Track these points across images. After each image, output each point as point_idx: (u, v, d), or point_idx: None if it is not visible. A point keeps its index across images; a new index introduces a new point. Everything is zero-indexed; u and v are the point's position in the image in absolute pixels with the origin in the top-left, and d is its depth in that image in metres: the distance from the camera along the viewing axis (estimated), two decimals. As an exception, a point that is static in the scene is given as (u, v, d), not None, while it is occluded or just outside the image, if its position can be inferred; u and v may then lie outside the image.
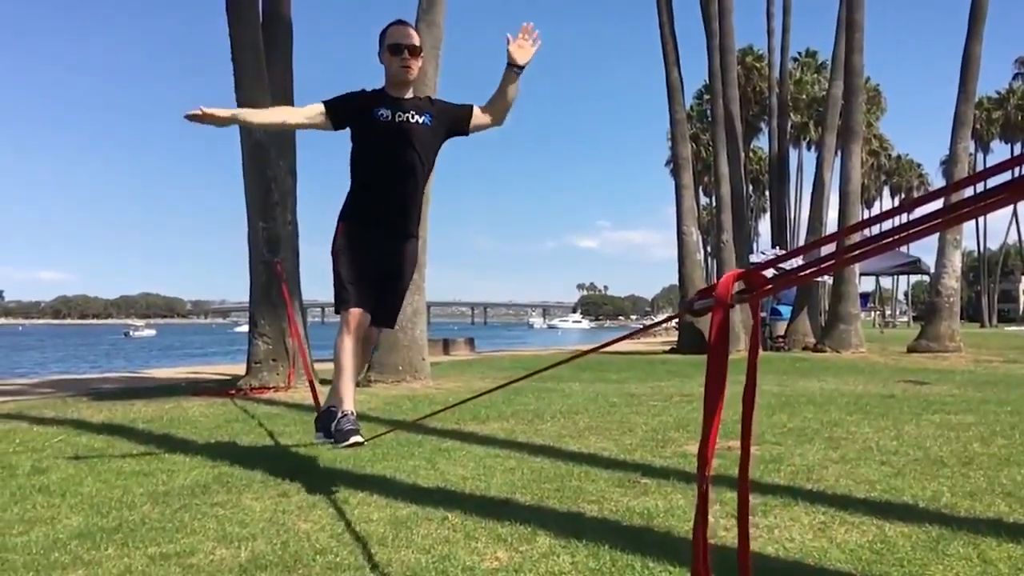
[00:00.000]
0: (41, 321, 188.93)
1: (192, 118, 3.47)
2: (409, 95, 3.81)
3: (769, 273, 1.53)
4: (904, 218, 1.33)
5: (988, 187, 1.14)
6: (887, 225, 1.34)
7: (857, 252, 1.38)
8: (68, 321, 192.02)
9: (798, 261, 1.81)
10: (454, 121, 3.85)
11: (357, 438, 3.54)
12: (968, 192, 1.31)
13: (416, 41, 3.79)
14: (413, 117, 3.73)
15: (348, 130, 3.80)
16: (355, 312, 3.70)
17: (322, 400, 4.59)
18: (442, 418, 6.05)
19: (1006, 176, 1.22)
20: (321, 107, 3.73)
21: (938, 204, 1.24)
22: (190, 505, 3.45)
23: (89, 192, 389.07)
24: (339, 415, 3.61)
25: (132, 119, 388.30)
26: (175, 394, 8.02)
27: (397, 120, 3.70)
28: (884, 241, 1.33)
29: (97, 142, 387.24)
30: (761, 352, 16.13)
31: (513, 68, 3.69)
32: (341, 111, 3.74)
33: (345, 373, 3.72)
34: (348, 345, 3.71)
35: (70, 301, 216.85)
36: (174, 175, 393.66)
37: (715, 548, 2.77)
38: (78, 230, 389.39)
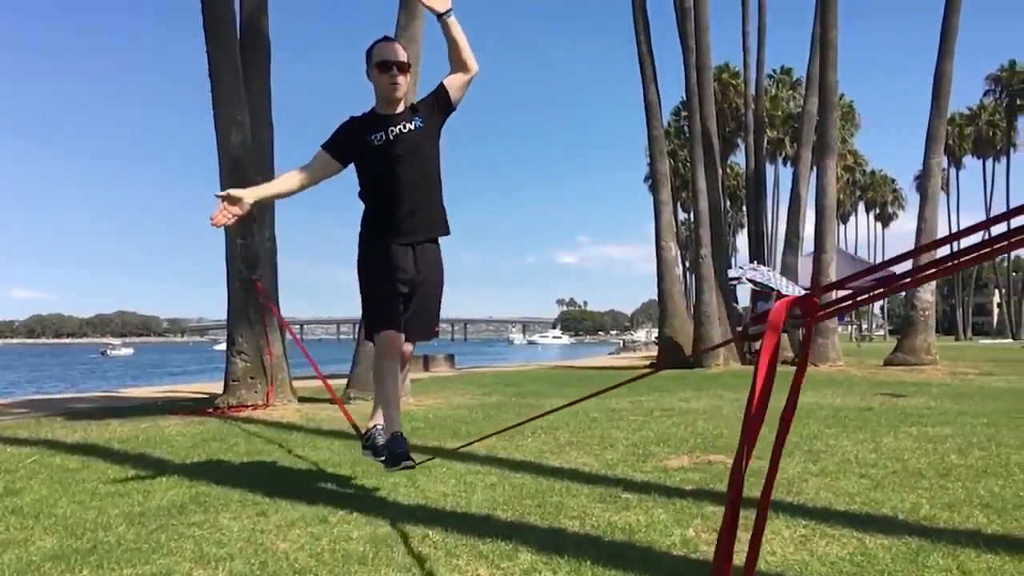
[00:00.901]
0: (15, 340, 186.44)
1: (217, 222, 3.42)
2: (400, 110, 3.77)
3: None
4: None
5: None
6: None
7: (929, 273, 1.41)
8: (43, 340, 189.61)
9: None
10: (439, 107, 3.80)
11: (409, 463, 3.52)
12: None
13: (404, 57, 3.76)
14: (405, 127, 3.70)
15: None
16: (386, 335, 3.66)
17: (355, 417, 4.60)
18: (422, 435, 6.04)
19: None
20: (323, 152, 3.70)
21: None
22: (167, 525, 3.40)
23: (63, 209, 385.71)
24: (389, 437, 3.59)
25: (107, 134, 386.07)
26: (151, 413, 7.92)
27: (392, 137, 3.67)
28: (934, 270, 1.36)
29: (70, 158, 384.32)
30: (741, 366, 16.08)
31: (442, 17, 3.66)
32: (340, 149, 3.71)
33: (389, 397, 3.69)
34: (386, 367, 3.68)
35: (44, 320, 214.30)
36: (150, 192, 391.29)
37: (695, 563, 2.77)
38: (52, 248, 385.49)
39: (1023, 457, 4.68)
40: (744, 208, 40.70)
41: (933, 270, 1.38)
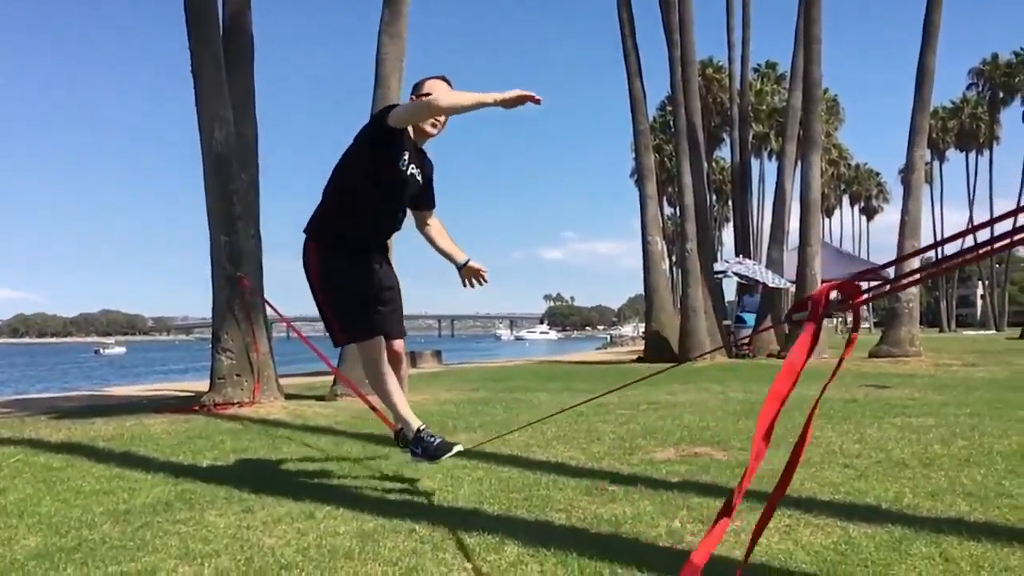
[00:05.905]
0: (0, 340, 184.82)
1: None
2: (424, 146, 3.95)
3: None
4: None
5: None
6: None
7: (934, 270, 1.49)
8: (27, 340, 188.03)
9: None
10: (421, 199, 4.02)
11: (459, 447, 3.76)
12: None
13: None
14: (415, 170, 3.85)
15: (364, 146, 3.79)
16: (377, 340, 3.78)
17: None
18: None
19: None
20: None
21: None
22: (152, 523, 3.39)
23: (44, 208, 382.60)
24: (415, 436, 3.76)
25: (87, 131, 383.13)
26: (137, 411, 7.86)
27: (408, 172, 3.80)
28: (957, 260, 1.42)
29: (51, 155, 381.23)
30: (726, 359, 16.11)
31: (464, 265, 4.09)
32: (389, 140, 3.75)
33: (395, 398, 3.83)
34: (385, 370, 3.79)
35: (28, 320, 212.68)
36: (133, 189, 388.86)
37: (681, 553, 2.79)
38: (34, 248, 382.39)
39: (1005, 446, 4.73)
40: (730, 202, 40.88)
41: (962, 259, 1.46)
